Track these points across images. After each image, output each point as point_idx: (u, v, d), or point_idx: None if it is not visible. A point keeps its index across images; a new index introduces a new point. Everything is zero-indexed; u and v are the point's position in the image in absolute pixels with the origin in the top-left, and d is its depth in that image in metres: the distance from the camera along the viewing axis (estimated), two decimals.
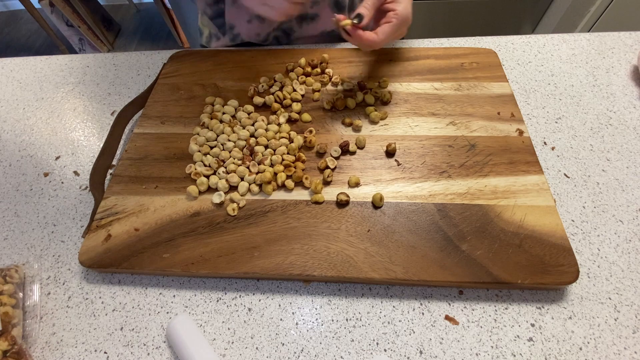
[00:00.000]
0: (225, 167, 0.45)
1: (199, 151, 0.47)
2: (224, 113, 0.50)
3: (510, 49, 0.59)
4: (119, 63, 0.63)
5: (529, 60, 0.58)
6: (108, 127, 0.53)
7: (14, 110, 0.57)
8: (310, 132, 0.48)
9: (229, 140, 0.47)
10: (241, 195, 0.43)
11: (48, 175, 0.49)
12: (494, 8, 1.58)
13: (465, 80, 0.53)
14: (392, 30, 0.44)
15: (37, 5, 1.73)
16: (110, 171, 0.48)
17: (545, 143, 0.48)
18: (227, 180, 0.43)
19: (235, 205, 0.42)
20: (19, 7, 2.19)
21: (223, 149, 0.47)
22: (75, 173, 0.49)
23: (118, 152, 0.50)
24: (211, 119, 0.50)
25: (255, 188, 0.43)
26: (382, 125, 0.49)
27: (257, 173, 0.44)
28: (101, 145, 0.49)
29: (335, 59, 0.57)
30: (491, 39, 0.60)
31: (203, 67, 0.57)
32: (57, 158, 0.51)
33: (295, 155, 0.46)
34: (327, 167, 0.44)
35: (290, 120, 0.50)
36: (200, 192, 0.43)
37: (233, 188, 0.44)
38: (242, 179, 0.44)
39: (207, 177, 0.44)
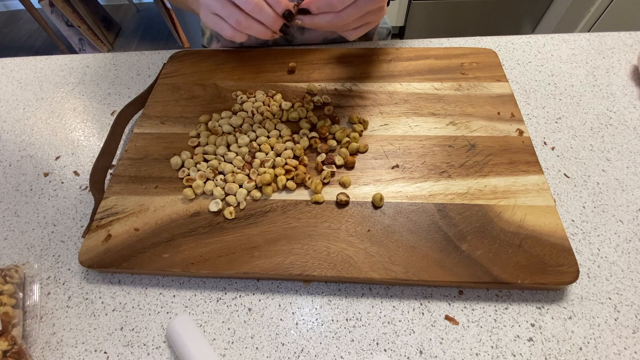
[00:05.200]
0: (224, 175, 0.44)
1: (192, 159, 0.46)
2: (219, 125, 0.49)
3: (510, 49, 0.59)
4: (119, 63, 0.63)
5: (529, 60, 0.58)
6: (108, 127, 0.53)
7: (14, 110, 0.57)
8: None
9: (230, 151, 0.46)
10: (238, 202, 0.42)
11: (48, 175, 0.49)
12: (494, 8, 1.58)
13: (465, 80, 0.53)
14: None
15: (37, 5, 1.74)
16: (110, 171, 0.48)
17: (545, 143, 0.48)
18: (223, 188, 0.43)
19: (232, 208, 0.42)
20: (19, 7, 2.19)
21: (224, 160, 0.46)
22: (75, 173, 0.49)
23: (118, 152, 0.50)
24: (212, 133, 0.48)
25: (256, 194, 0.43)
26: (382, 125, 0.49)
27: (257, 175, 0.44)
28: (101, 145, 0.49)
29: (335, 59, 0.57)
30: (491, 39, 0.60)
31: (203, 67, 0.57)
32: (57, 158, 0.51)
33: (299, 158, 0.45)
34: (323, 169, 0.44)
35: (317, 106, 0.50)
36: (196, 195, 0.43)
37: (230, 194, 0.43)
38: (240, 186, 0.43)
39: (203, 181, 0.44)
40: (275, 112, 0.50)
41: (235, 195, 0.42)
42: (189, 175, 0.45)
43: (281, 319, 0.37)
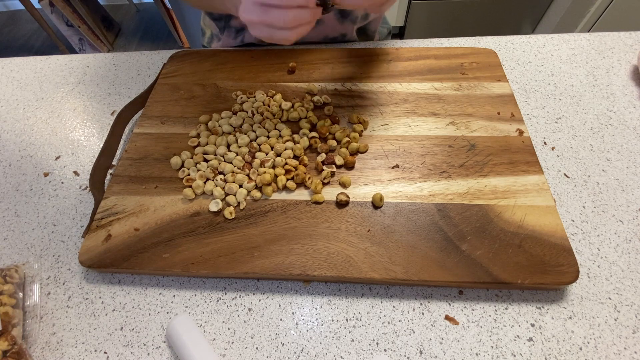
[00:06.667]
0: (224, 175, 0.44)
1: (192, 159, 0.46)
2: (219, 125, 0.49)
3: (510, 49, 0.59)
4: (119, 63, 0.63)
5: (529, 60, 0.58)
6: (108, 127, 0.53)
7: (14, 110, 0.57)
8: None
9: (230, 151, 0.46)
10: (238, 202, 0.42)
11: (48, 175, 0.49)
12: (494, 8, 1.58)
13: (465, 80, 0.53)
14: None
15: (37, 5, 1.74)
16: (110, 171, 0.48)
17: (545, 143, 0.48)
18: (223, 188, 0.43)
19: (232, 208, 0.42)
20: (19, 7, 2.19)
21: (224, 160, 0.46)
22: (75, 173, 0.49)
23: (118, 152, 0.50)
24: (212, 133, 0.48)
25: (256, 194, 0.42)
26: (382, 125, 0.49)
27: (257, 175, 0.44)
28: (101, 145, 0.49)
29: (335, 58, 0.57)
30: (491, 39, 0.60)
31: (203, 67, 0.57)
32: (57, 158, 0.51)
33: (299, 158, 0.45)
34: (323, 169, 0.44)
35: (316, 106, 0.51)
36: (196, 195, 0.43)
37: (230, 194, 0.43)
38: (240, 186, 0.43)
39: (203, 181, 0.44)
40: (275, 112, 0.50)
41: (235, 195, 0.42)
42: (189, 175, 0.45)
43: (281, 319, 0.37)
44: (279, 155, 0.46)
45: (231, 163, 0.45)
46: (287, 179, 0.43)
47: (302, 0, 0.36)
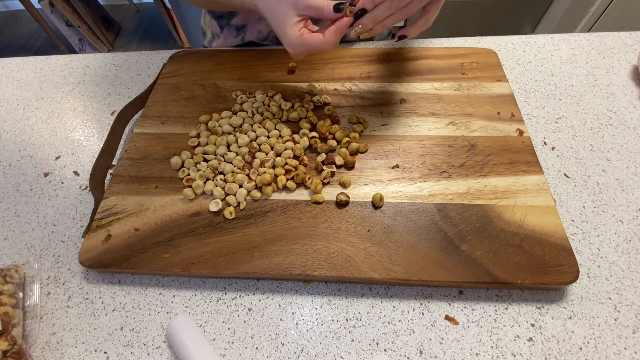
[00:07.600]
0: (224, 175, 0.44)
1: (192, 159, 0.46)
2: (219, 125, 0.49)
3: (510, 49, 0.59)
4: (119, 63, 0.63)
5: (529, 60, 0.58)
6: (108, 127, 0.53)
7: (14, 110, 0.57)
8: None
9: (230, 151, 0.46)
10: (238, 202, 0.42)
11: (48, 175, 0.49)
12: (494, 8, 1.58)
13: (465, 80, 0.53)
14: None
15: (37, 5, 1.74)
16: (110, 171, 0.48)
17: (545, 143, 0.48)
18: (223, 188, 0.43)
19: (232, 208, 0.42)
20: (19, 7, 2.19)
21: (224, 160, 0.46)
22: (75, 173, 0.49)
23: (118, 152, 0.50)
24: (212, 133, 0.48)
25: (256, 194, 0.42)
26: (382, 125, 0.49)
27: (257, 175, 0.44)
28: (101, 145, 0.49)
29: (335, 58, 0.57)
30: (491, 39, 0.60)
31: (203, 67, 0.57)
32: (57, 158, 0.51)
33: (299, 158, 0.45)
34: (323, 169, 0.44)
35: (317, 106, 0.51)
36: (196, 195, 0.43)
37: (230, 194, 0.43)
38: (240, 186, 0.43)
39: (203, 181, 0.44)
40: (275, 112, 0.50)
41: (235, 195, 0.42)
42: (189, 175, 0.45)
43: (281, 319, 0.37)
44: (279, 155, 0.46)
45: (231, 163, 0.45)
46: (287, 179, 0.43)
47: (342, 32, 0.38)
